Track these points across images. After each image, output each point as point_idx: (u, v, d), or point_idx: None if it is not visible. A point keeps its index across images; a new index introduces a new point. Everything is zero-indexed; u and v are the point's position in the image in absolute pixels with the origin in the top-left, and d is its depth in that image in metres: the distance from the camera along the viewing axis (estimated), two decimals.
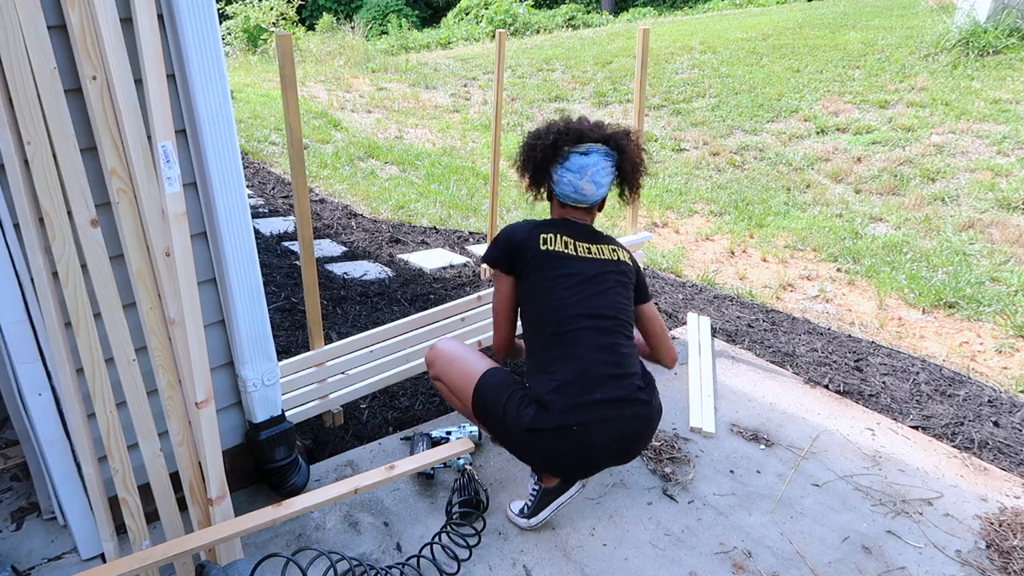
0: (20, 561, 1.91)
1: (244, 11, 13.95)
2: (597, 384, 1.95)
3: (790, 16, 11.13)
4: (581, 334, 2.00)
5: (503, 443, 2.08)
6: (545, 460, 2.02)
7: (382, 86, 9.72)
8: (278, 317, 3.29)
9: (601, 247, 2.19)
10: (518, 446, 2.02)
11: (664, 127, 7.28)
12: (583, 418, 1.91)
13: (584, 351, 1.98)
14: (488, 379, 2.06)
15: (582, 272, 2.10)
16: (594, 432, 1.93)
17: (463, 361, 2.15)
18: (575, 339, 2.00)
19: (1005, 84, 6.77)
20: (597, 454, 1.98)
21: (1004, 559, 2.04)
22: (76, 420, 1.71)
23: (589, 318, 2.02)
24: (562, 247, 2.13)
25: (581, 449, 1.94)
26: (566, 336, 2.00)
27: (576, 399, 1.92)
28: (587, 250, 2.15)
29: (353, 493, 1.96)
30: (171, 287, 1.72)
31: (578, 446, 1.93)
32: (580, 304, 2.04)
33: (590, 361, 1.97)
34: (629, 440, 1.99)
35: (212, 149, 1.74)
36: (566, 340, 2.00)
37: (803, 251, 4.60)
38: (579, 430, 1.91)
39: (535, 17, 15.56)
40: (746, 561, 2.02)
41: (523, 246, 2.13)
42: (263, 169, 6.02)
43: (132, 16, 1.53)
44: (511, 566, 1.98)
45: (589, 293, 2.07)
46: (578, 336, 2.00)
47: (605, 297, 2.08)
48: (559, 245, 2.13)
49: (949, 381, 3.07)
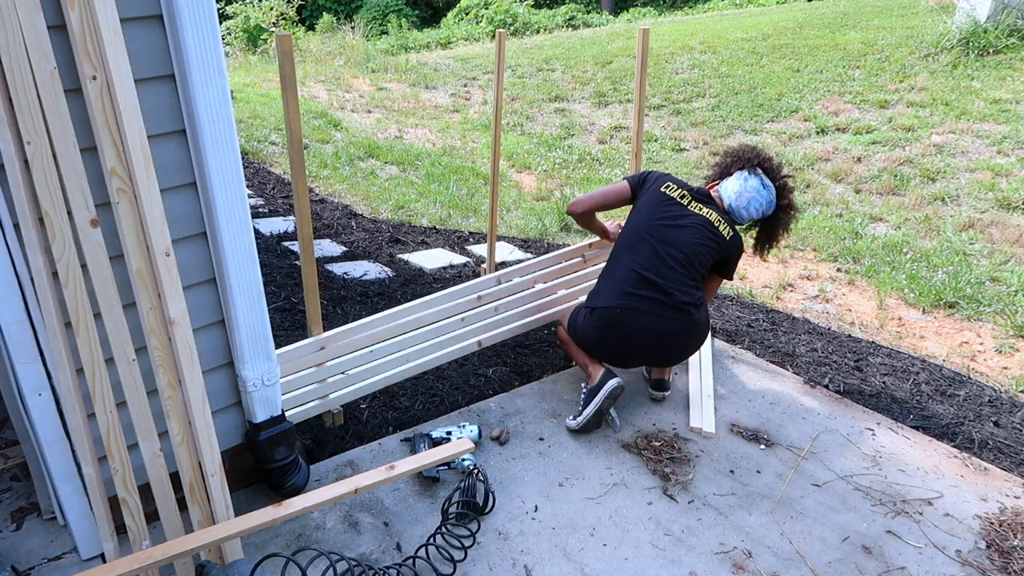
0: (20, 561, 1.91)
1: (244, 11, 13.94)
2: (645, 285, 2.49)
3: (790, 16, 11.12)
4: (648, 247, 2.54)
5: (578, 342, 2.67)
6: (590, 340, 2.59)
7: (382, 86, 9.71)
8: (278, 317, 3.29)
9: (711, 211, 2.63)
10: (581, 335, 2.63)
11: (664, 127, 7.28)
12: (626, 304, 2.49)
13: (647, 262, 2.51)
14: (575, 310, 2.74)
15: (681, 215, 2.60)
16: (633, 318, 2.48)
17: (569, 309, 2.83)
18: (642, 251, 2.55)
19: (1005, 84, 6.77)
20: (632, 339, 2.52)
21: (1004, 559, 2.04)
22: (76, 420, 1.71)
23: (662, 243, 2.54)
24: (677, 197, 2.65)
25: (618, 328, 2.51)
26: (638, 246, 2.57)
27: (626, 289, 2.50)
28: (698, 208, 2.63)
29: (353, 493, 1.96)
30: (171, 287, 1.72)
31: (617, 325, 2.51)
32: (662, 232, 2.56)
33: (648, 268, 2.50)
34: (665, 337, 2.52)
35: (212, 149, 1.73)
36: (635, 249, 2.57)
37: (803, 251, 4.60)
38: (621, 313, 2.49)
39: (535, 17, 15.56)
40: (746, 561, 2.02)
41: (649, 181, 2.74)
42: (263, 169, 6.02)
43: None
44: (511, 566, 1.98)
45: (675, 228, 2.57)
46: (645, 248, 2.55)
47: (686, 238, 2.55)
48: (675, 194, 2.66)
49: (949, 381, 3.07)
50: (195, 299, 1.87)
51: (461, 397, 2.79)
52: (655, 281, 2.48)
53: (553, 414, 2.65)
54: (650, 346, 2.55)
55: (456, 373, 2.94)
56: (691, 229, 2.57)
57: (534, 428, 2.57)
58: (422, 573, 1.92)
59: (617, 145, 7.04)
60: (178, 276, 1.74)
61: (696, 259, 2.54)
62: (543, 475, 2.34)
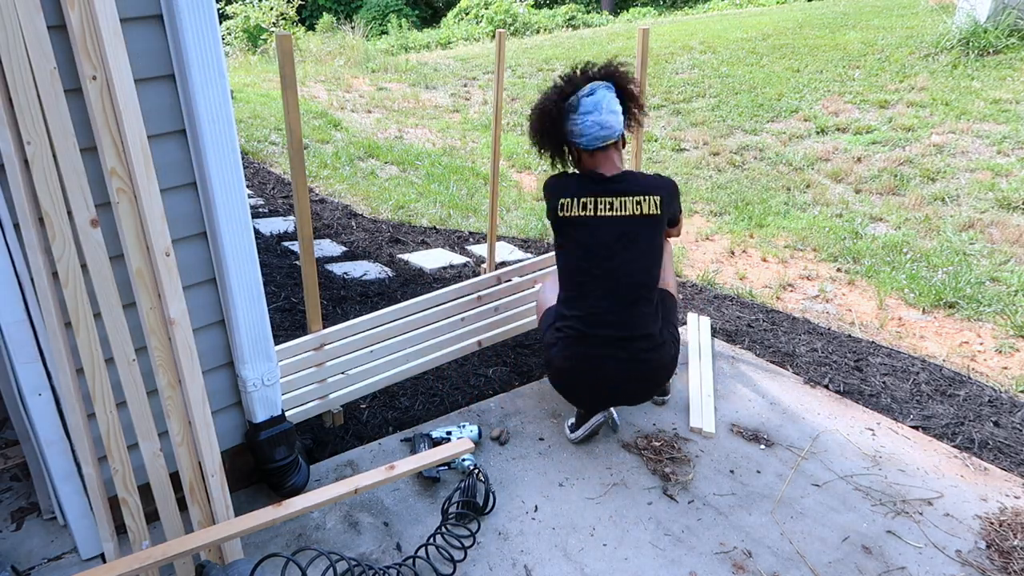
0: (20, 561, 1.91)
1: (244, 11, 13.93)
2: (600, 343, 2.26)
3: (790, 16, 11.12)
4: (595, 301, 2.27)
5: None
6: (559, 385, 2.42)
7: (382, 86, 9.71)
8: (278, 317, 3.29)
9: (625, 200, 2.29)
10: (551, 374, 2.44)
11: (664, 127, 7.28)
12: (583, 362, 2.28)
13: (596, 312, 2.26)
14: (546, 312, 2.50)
15: (598, 239, 2.28)
16: (593, 372, 2.29)
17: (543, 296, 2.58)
18: (588, 302, 2.28)
19: (1005, 84, 6.77)
20: (597, 391, 2.35)
21: (1004, 559, 2.04)
22: (76, 420, 1.71)
23: (605, 282, 2.26)
24: (580, 211, 2.30)
25: (580, 381, 2.33)
26: (582, 297, 2.29)
27: (582, 347, 2.27)
28: (609, 206, 2.28)
29: (353, 493, 1.96)
30: (171, 287, 1.72)
31: (579, 381, 2.33)
32: (596, 270, 2.26)
33: (598, 322, 2.25)
34: (630, 383, 2.33)
35: (212, 149, 1.74)
36: (581, 301, 2.29)
37: (803, 251, 4.60)
38: (579, 368, 2.29)
39: (535, 17, 15.55)
40: (746, 561, 2.02)
41: (551, 207, 2.38)
42: (263, 169, 6.02)
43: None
44: (511, 566, 1.98)
45: (605, 260, 2.27)
46: (591, 302, 2.27)
47: (622, 262, 2.27)
48: (576, 209, 2.31)
49: (949, 381, 3.07)
50: (195, 299, 1.87)
51: (461, 397, 2.79)
52: (610, 336, 2.25)
53: (553, 414, 2.65)
54: (611, 395, 2.37)
55: (456, 373, 2.94)
56: (623, 246, 2.26)
57: (534, 428, 2.57)
58: (422, 573, 1.92)
59: None
60: (178, 276, 1.74)
61: (641, 276, 2.28)
62: (543, 475, 2.34)
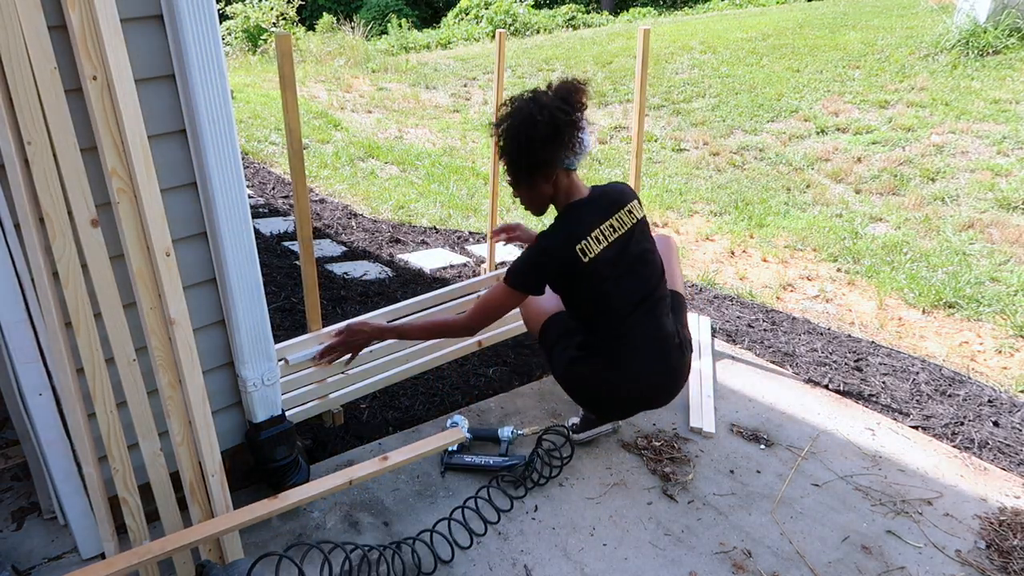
0: (20, 561, 1.91)
1: (244, 11, 13.93)
2: (654, 362, 2.25)
3: (790, 16, 11.12)
4: (638, 326, 2.21)
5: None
6: (588, 401, 2.38)
7: (382, 86, 9.72)
8: (278, 317, 3.29)
9: (622, 215, 2.21)
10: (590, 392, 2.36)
11: (664, 127, 7.28)
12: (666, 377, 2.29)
13: (643, 342, 2.23)
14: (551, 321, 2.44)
15: (623, 262, 2.18)
16: (645, 393, 2.32)
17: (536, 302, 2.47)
18: (634, 331, 2.21)
19: (1005, 84, 6.77)
20: (647, 403, 2.40)
21: (1004, 559, 2.04)
22: (76, 420, 1.71)
23: (643, 305, 2.21)
24: (598, 246, 2.12)
25: (656, 396, 2.36)
26: (627, 328, 2.20)
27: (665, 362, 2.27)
28: (621, 224, 2.19)
29: (348, 485, 1.96)
30: (171, 287, 1.73)
31: (657, 395, 2.35)
32: (633, 295, 2.20)
33: (649, 349, 2.24)
34: (668, 392, 2.36)
35: (212, 149, 1.74)
36: (627, 333, 2.21)
37: (803, 251, 4.60)
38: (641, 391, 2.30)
39: (535, 17, 15.54)
40: (746, 561, 2.02)
41: (565, 265, 2.10)
42: (263, 169, 6.02)
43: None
44: (511, 566, 1.98)
45: (636, 280, 2.21)
46: (635, 328, 2.21)
47: (645, 274, 2.24)
48: (596, 247, 2.12)
49: (949, 381, 3.07)
50: (195, 299, 1.87)
51: (461, 397, 2.79)
52: (667, 345, 2.27)
53: (553, 414, 2.65)
54: (648, 402, 2.41)
55: (456, 373, 2.94)
56: (642, 258, 2.25)
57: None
58: (423, 560, 1.92)
59: (617, 145, 7.04)
60: (178, 276, 1.74)
61: (659, 279, 2.30)
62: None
